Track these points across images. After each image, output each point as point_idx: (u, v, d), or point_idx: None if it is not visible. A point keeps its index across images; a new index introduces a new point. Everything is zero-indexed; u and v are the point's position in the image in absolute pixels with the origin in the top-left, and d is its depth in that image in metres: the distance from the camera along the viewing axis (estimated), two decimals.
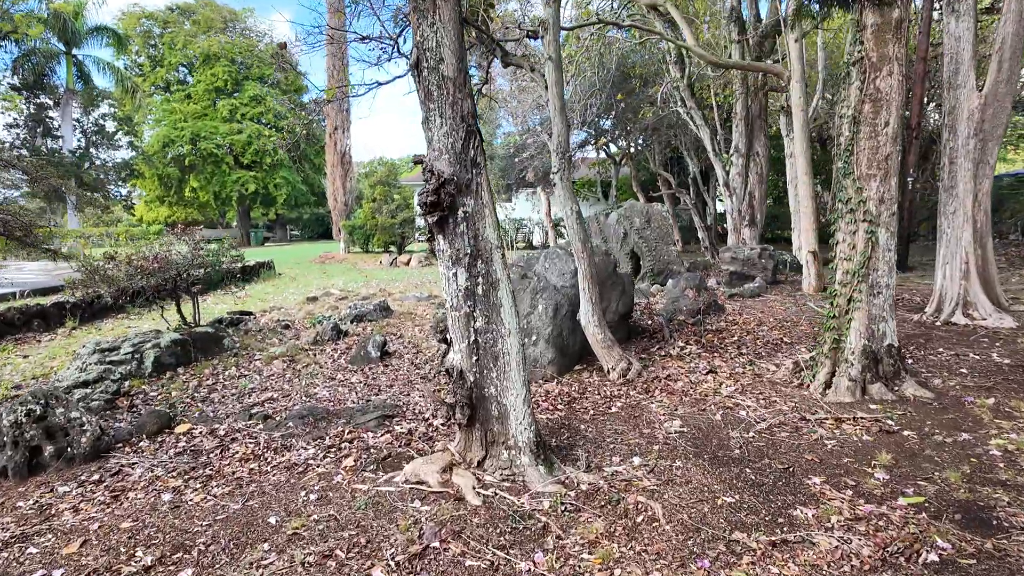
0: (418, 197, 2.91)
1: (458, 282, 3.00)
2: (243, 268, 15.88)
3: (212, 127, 35.23)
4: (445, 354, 3.29)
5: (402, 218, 21.88)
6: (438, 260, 3.15)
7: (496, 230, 3.07)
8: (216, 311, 10.96)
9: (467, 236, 2.95)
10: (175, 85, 38.01)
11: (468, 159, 2.94)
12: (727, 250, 9.72)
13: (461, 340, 3.08)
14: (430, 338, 8.42)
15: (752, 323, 6.79)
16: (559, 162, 4.92)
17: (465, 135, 2.92)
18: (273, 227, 55.21)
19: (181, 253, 7.95)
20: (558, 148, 4.94)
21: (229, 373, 6.93)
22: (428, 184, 2.88)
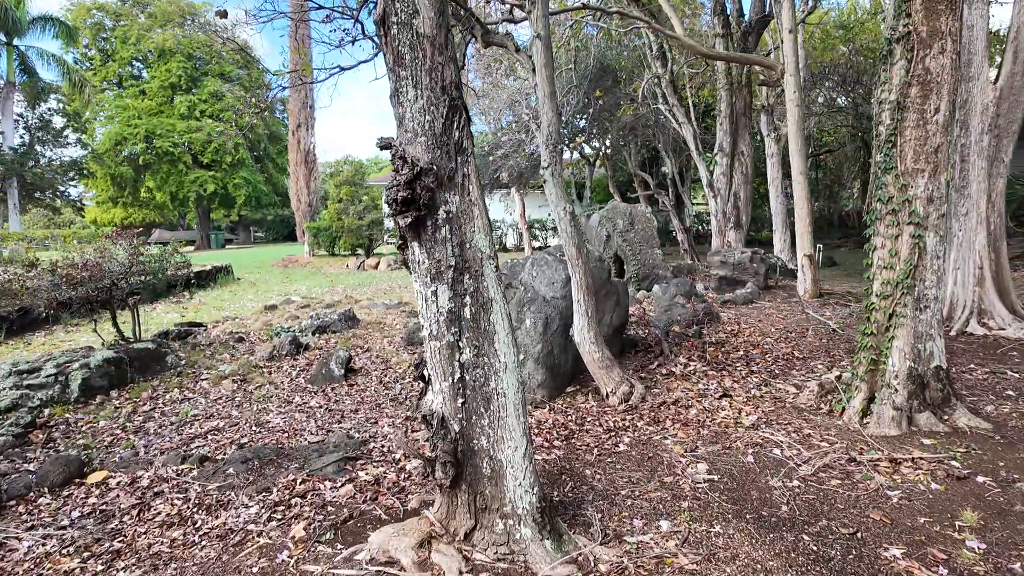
0: (386, 193, 2.21)
1: (439, 303, 2.29)
2: (198, 273, 14.84)
3: (168, 124, 33.61)
4: (422, 394, 2.57)
5: (370, 219, 20.98)
6: (412, 274, 2.44)
7: (488, 235, 2.38)
8: (163, 322, 9.99)
9: (450, 243, 2.26)
10: (128, 80, 36.19)
11: (452, 143, 2.25)
12: (715, 253, 9.21)
13: (443, 378, 2.37)
14: (400, 351, 7.67)
15: (754, 334, 6.25)
16: (550, 156, 4.26)
17: (448, 111, 2.23)
18: (236, 229, 53.40)
19: (117, 259, 7.03)
20: (548, 140, 4.28)
21: (170, 396, 6.08)
22: (399, 175, 2.17)
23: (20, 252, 23.50)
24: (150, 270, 7.40)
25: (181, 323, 8.89)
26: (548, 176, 4.27)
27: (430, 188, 2.20)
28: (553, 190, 4.23)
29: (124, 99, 34.25)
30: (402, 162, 2.20)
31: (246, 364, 7.04)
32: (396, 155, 2.23)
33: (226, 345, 8.03)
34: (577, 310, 4.43)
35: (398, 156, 2.22)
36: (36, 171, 26.54)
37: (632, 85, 14.09)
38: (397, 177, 2.20)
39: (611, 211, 10.20)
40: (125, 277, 6.97)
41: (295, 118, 22.45)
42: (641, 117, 15.21)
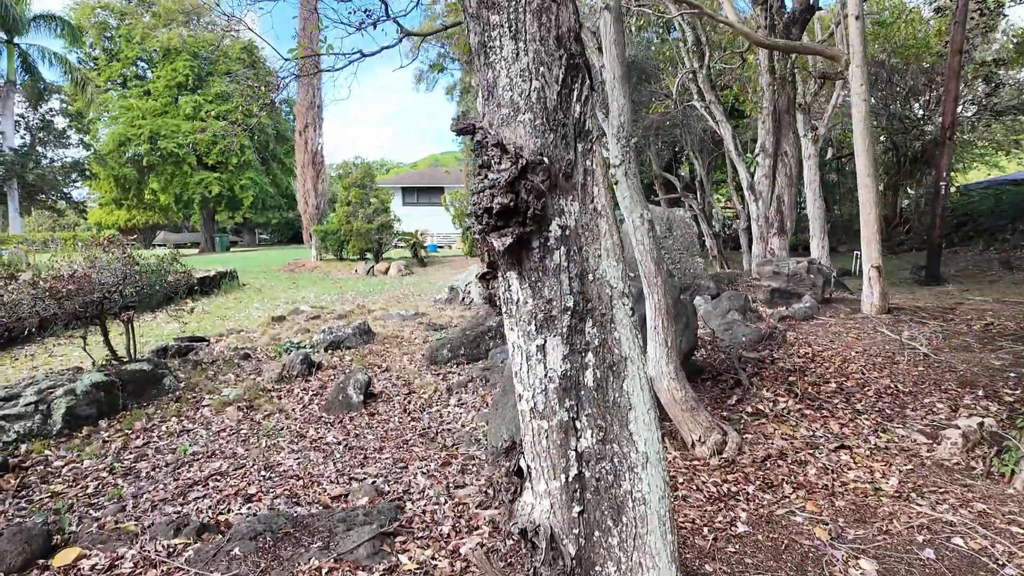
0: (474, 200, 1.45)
1: (548, 364, 1.53)
2: (201, 279, 14.12)
3: (173, 125, 32.95)
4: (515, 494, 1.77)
5: (379, 223, 20.25)
6: (506, 318, 1.66)
7: (621, 261, 1.61)
8: (163, 334, 9.26)
9: (567, 273, 1.51)
10: (133, 80, 35.60)
11: (570, 123, 1.50)
12: (766, 263, 8.41)
13: (551, 474, 1.58)
14: (424, 372, 6.92)
15: (834, 359, 5.46)
16: (622, 151, 3.49)
17: (565, 73, 1.48)
18: (240, 231, 52.78)
19: (109, 270, 6.29)
20: (620, 132, 3.52)
21: (167, 427, 5.33)
22: (494, 172, 1.41)
23: (19, 255, 22.84)
24: (147, 281, 6.65)
25: (181, 337, 8.15)
26: (620, 176, 3.51)
27: (540, 191, 1.44)
28: (627, 193, 3.47)
29: (128, 99, 33.64)
30: (498, 152, 1.44)
31: (253, 387, 6.29)
32: (486, 142, 1.48)
33: (231, 363, 7.29)
34: (653, 338, 3.66)
35: (491, 144, 1.46)
36: (37, 172, 25.90)
37: (662, 81, 13.33)
38: (490, 175, 1.44)
39: None
40: (118, 289, 6.23)
41: (302, 118, 21.74)
42: (667, 116, 14.45)
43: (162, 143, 31.79)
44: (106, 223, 36.87)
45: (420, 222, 25.58)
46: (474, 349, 7.16)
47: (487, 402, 5.67)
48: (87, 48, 34.02)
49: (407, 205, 33.62)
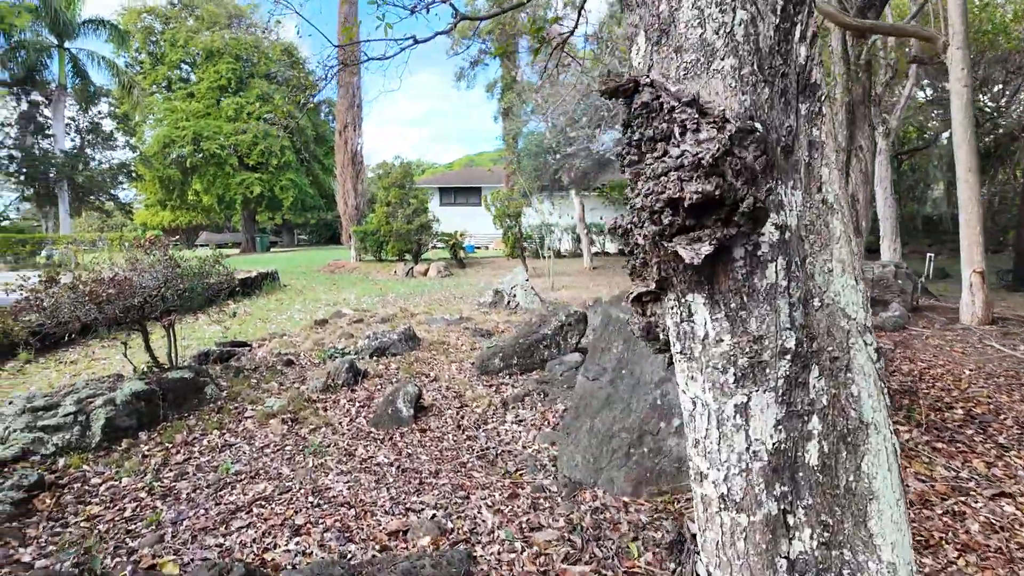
0: (646, 188, 0.95)
1: (750, 431, 1.02)
2: (243, 281, 14.02)
3: (215, 127, 33.50)
4: None
5: (418, 223, 19.99)
6: (679, 360, 1.16)
7: (859, 281, 1.10)
8: (204, 337, 9.05)
9: (787, 299, 1.05)
10: (177, 83, 36.36)
11: (792, 72, 1.00)
12: None
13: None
14: (475, 383, 6.47)
15: (946, 378, 4.81)
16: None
17: (783, 6, 0.99)
18: (280, 232, 53.60)
19: (151, 272, 6.02)
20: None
21: (209, 441, 4.99)
22: (685, 144, 0.92)
23: (69, 255, 23.34)
24: (189, 284, 6.37)
25: (223, 342, 7.89)
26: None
27: (753, 173, 0.95)
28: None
29: (172, 102, 34.35)
30: (692, 115, 0.94)
31: (297, 397, 5.93)
32: (663, 104, 0.98)
33: (273, 370, 6.98)
34: None
35: (678, 104, 0.97)
36: (86, 174, 26.53)
37: None
38: (676, 152, 0.94)
39: None
40: (160, 293, 5.95)
41: (342, 118, 21.65)
42: None
43: (205, 144, 32.32)
44: (151, 224, 37.76)
45: (457, 222, 25.29)
46: (528, 359, 6.69)
47: (548, 420, 5.18)
48: (133, 52, 34.85)
49: (444, 205, 33.40)
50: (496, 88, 20.96)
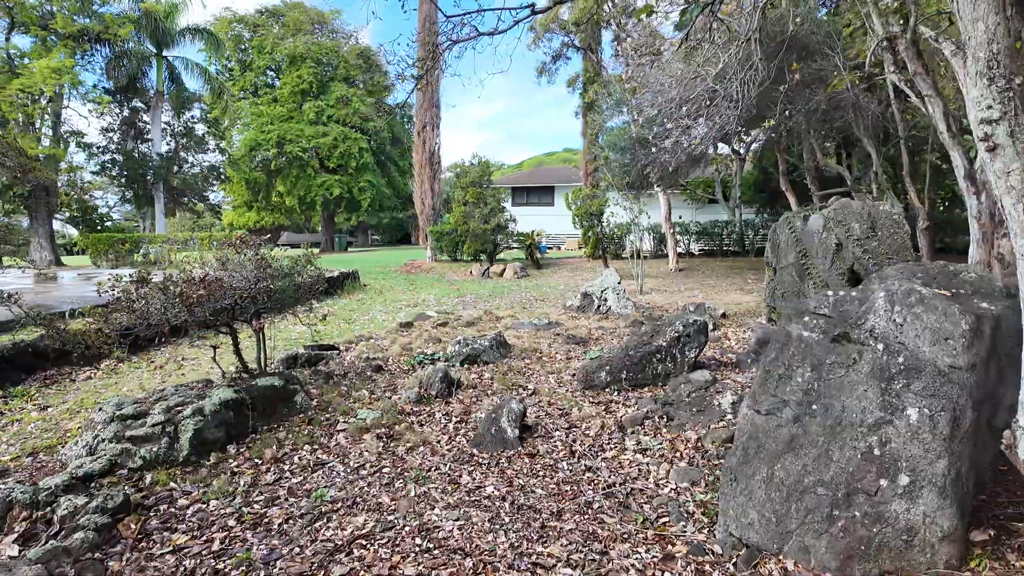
0: None
1: None
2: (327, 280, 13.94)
3: (298, 130, 34.49)
4: None
5: (495, 223, 19.52)
6: None
7: None
8: (290, 338, 8.82)
9: None
10: (263, 88, 37.74)
11: None
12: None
13: None
14: (580, 399, 5.78)
15: None
16: (1001, 97, 2.14)
17: None
18: (355, 232, 55.02)
19: (242, 273, 5.70)
20: (992, 66, 2.17)
21: (300, 459, 4.55)
22: None
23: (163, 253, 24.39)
24: (280, 284, 6.02)
25: (311, 345, 7.57)
26: (1002, 137, 2.16)
27: None
28: (1016, 165, 2.12)
29: (258, 106, 35.65)
30: None
31: (390, 409, 5.44)
32: None
33: (363, 376, 6.56)
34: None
35: None
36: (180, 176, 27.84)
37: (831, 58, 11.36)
38: None
39: (841, 211, 7.72)
40: (251, 294, 5.61)
41: (421, 118, 21.53)
42: (834, 98, 12.40)
43: (288, 147, 33.30)
44: (237, 224, 39.42)
45: (529, 222, 24.71)
46: (639, 373, 5.94)
47: (679, 451, 4.43)
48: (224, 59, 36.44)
49: (516, 205, 32.91)
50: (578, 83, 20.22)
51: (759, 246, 22.25)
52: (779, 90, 11.56)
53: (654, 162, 13.99)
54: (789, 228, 8.19)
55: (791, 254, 8.25)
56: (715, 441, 4.40)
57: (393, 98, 35.96)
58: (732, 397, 4.92)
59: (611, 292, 10.12)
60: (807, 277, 8.08)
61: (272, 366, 6.68)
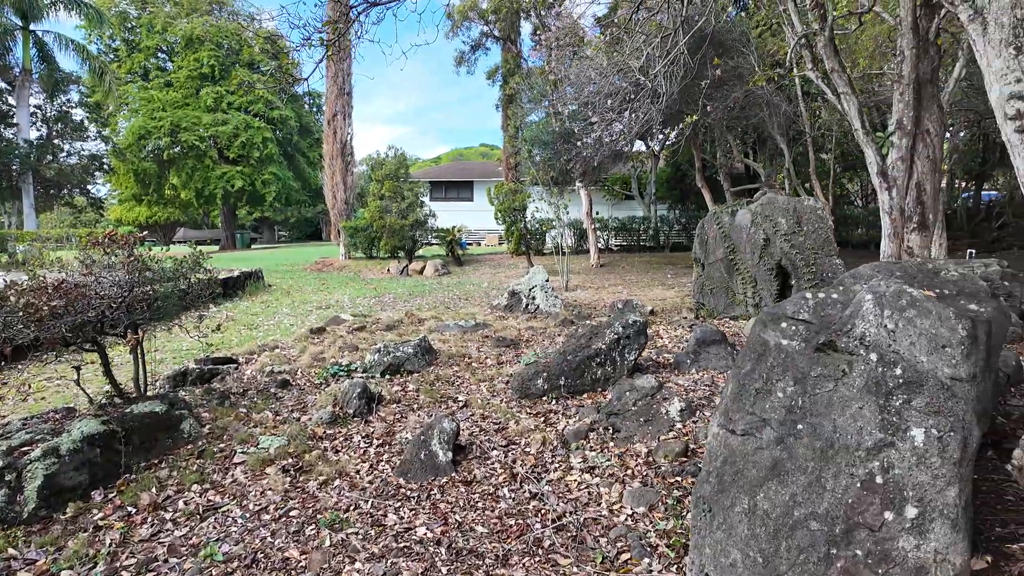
0: None
1: None
2: (224, 281, 12.68)
3: (194, 117, 31.80)
4: None
5: (414, 219, 18.70)
6: None
7: None
8: (181, 348, 7.76)
9: None
10: (154, 72, 34.51)
11: None
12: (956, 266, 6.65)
13: None
14: (514, 409, 5.29)
15: None
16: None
17: None
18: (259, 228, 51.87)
19: (111, 277, 4.75)
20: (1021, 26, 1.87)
21: (186, 503, 3.76)
22: None
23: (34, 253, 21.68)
24: (162, 291, 5.10)
25: (204, 358, 6.60)
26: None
27: None
28: None
29: (149, 91, 32.53)
30: None
31: (300, 434, 4.71)
32: None
33: (266, 394, 5.74)
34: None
35: None
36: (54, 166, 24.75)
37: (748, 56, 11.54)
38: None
39: (768, 206, 7.69)
40: (125, 303, 4.68)
41: (331, 106, 20.25)
42: (750, 96, 12.66)
43: (183, 136, 30.64)
44: (126, 219, 35.95)
45: (449, 218, 24.04)
46: (578, 379, 5.53)
47: (630, 468, 4.02)
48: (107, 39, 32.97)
49: (435, 200, 32.03)
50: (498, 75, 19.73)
51: (674, 241, 22.78)
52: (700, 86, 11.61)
53: (577, 157, 13.76)
54: (717, 224, 8.10)
55: (719, 250, 8.16)
56: (667, 455, 4.04)
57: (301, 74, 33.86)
58: (680, 404, 4.60)
59: (539, 290, 9.72)
60: (735, 272, 8.02)
61: (156, 388, 5.71)
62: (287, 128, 36.99)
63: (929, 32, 8.43)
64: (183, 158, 31.80)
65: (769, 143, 14.34)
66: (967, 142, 19.23)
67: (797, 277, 7.20)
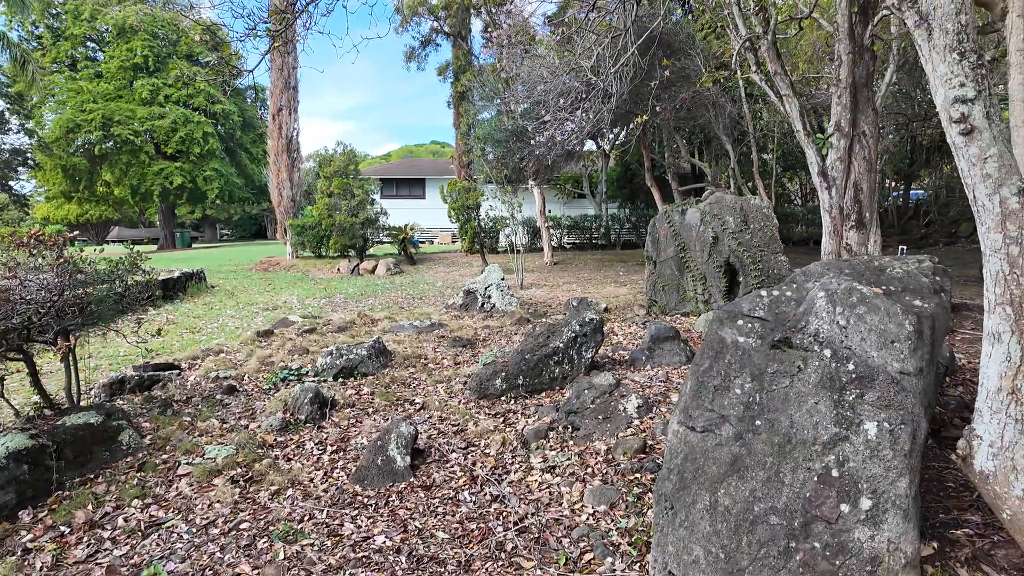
0: None
1: None
2: (164, 282, 12.12)
3: (128, 110, 30.22)
4: None
5: (364, 217, 18.33)
6: None
7: None
8: (118, 355, 7.36)
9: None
10: (83, 62, 32.59)
11: None
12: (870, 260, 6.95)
13: None
14: (473, 410, 5.24)
15: None
16: (974, 75, 1.90)
17: None
18: (201, 226, 49.92)
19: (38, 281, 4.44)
20: (961, 39, 1.94)
21: (126, 520, 3.55)
22: None
23: None
24: (96, 294, 4.80)
25: (143, 364, 6.26)
26: (979, 119, 1.92)
27: None
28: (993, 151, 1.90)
29: (77, 82, 30.70)
30: None
31: (249, 442, 4.52)
32: None
33: (212, 401, 5.49)
34: (1006, 410, 2.11)
35: None
36: None
37: (694, 58, 11.81)
38: None
39: (716, 205, 7.88)
40: (52, 308, 4.38)
41: (276, 100, 19.60)
42: (697, 97, 12.97)
43: (116, 130, 29.08)
44: (54, 218, 33.90)
45: (401, 215, 23.72)
46: (536, 378, 5.52)
47: (591, 467, 4.03)
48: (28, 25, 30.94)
49: (386, 198, 31.49)
50: (449, 71, 19.50)
51: (625, 239, 23.16)
52: (650, 86, 11.81)
53: (530, 155, 13.78)
54: (668, 222, 8.25)
55: (670, 248, 8.32)
56: (626, 452, 4.07)
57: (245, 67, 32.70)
58: (637, 401, 4.64)
59: (495, 289, 9.68)
60: (686, 270, 8.19)
61: (91, 398, 5.38)
62: (230, 123, 35.61)
63: (864, 38, 8.81)
64: (116, 153, 30.16)
65: (715, 143, 14.75)
66: (897, 144, 20.28)
67: (745, 274, 7.41)
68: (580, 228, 22.94)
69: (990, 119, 1.96)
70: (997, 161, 1.96)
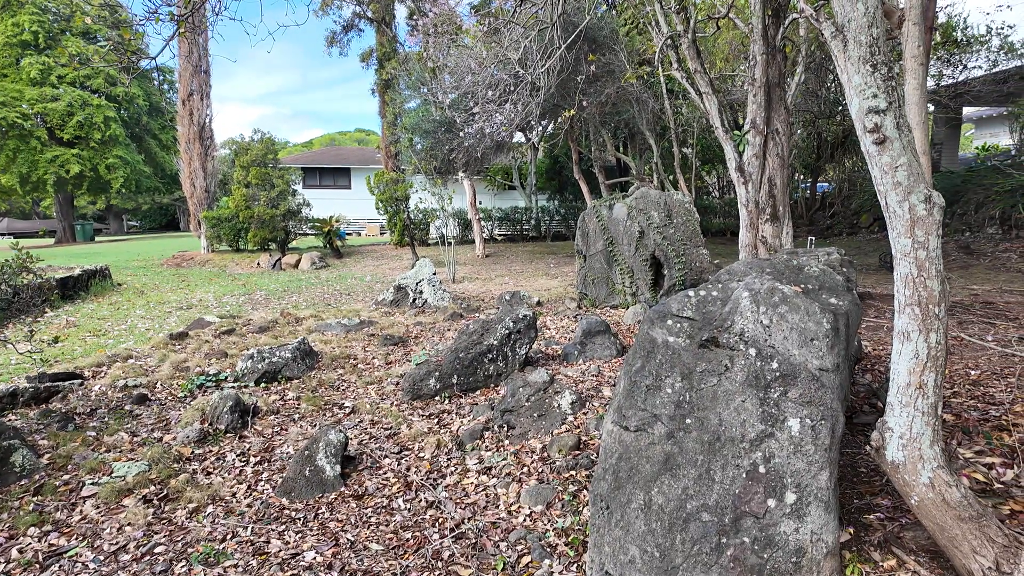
0: None
1: None
2: (62, 281, 11.16)
3: (15, 91, 27.48)
4: None
5: (285, 208, 17.58)
6: None
7: None
8: (9, 364, 6.69)
9: None
10: None
11: None
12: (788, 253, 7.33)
13: None
14: (406, 412, 5.13)
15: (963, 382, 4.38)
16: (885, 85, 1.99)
17: None
18: (105, 218, 46.40)
19: None
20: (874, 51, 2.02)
21: (22, 549, 3.23)
22: None
23: None
24: None
25: (38, 374, 5.71)
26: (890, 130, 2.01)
27: None
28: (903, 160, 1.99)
29: None
30: None
31: (163, 456, 4.22)
32: None
33: (120, 412, 5.09)
34: (914, 403, 2.25)
35: None
36: None
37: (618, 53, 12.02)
38: None
39: (641, 200, 8.07)
40: None
41: (186, 84, 18.36)
42: (621, 92, 13.23)
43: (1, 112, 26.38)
44: None
45: (325, 207, 22.95)
46: (471, 376, 5.47)
47: (527, 466, 4.03)
48: None
49: (309, 188, 30.31)
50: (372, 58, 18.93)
51: (555, 231, 23.44)
52: (576, 81, 11.92)
53: (460, 147, 13.62)
54: (597, 217, 8.38)
55: (599, 242, 8.46)
56: (561, 450, 4.10)
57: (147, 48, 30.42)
58: (571, 397, 4.68)
59: (427, 284, 9.53)
60: (615, 263, 8.36)
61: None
62: (134, 108, 33.10)
63: (777, 40, 9.23)
64: (2, 138, 27.39)
65: (639, 138, 15.14)
66: (804, 139, 21.53)
67: (669, 267, 7.65)
68: (511, 220, 23.00)
69: (900, 129, 2.08)
70: (907, 170, 2.08)
